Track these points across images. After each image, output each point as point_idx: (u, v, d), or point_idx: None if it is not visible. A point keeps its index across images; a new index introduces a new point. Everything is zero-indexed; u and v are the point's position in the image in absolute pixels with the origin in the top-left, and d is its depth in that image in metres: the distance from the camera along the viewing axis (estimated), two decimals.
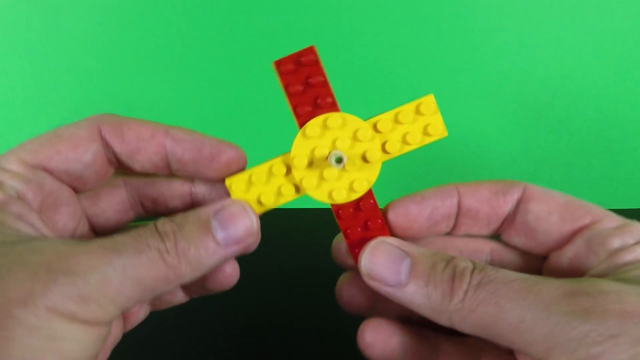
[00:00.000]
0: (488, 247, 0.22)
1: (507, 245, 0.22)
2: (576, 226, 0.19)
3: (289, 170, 0.20)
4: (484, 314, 0.16)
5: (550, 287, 0.16)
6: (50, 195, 0.19)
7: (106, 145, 0.20)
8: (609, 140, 0.46)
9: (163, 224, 0.18)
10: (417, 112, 0.20)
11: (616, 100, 0.45)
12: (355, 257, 0.20)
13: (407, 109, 0.20)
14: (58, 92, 0.44)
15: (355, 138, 0.20)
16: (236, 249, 0.19)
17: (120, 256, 0.16)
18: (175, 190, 0.22)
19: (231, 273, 0.21)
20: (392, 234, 0.21)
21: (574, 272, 0.19)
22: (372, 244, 0.19)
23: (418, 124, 0.20)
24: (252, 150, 0.22)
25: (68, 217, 0.20)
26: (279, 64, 0.19)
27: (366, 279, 0.19)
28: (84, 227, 0.21)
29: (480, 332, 0.17)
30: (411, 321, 0.21)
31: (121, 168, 0.21)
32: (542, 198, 0.20)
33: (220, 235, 0.18)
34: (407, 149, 0.20)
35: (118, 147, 0.20)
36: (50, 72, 0.43)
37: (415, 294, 0.17)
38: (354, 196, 0.20)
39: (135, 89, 0.44)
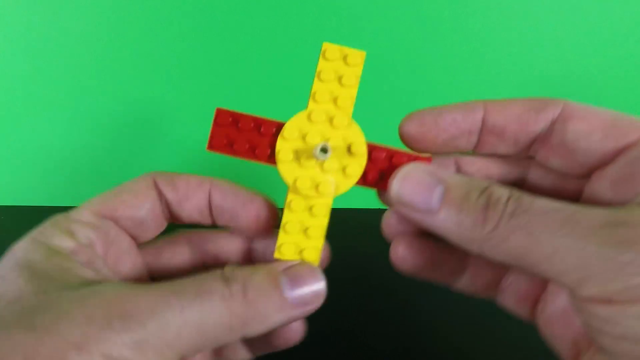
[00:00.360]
0: (521, 168, 0.21)
1: (542, 166, 0.20)
2: (621, 144, 0.17)
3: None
4: (515, 244, 0.16)
5: (588, 217, 0.15)
6: (114, 244, 0.20)
7: (160, 195, 0.21)
8: None
9: (232, 270, 0.18)
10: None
11: (616, 99, 0.45)
12: (386, 186, 0.20)
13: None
14: (58, 92, 0.44)
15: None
16: (303, 311, 0.18)
17: (179, 299, 0.16)
18: (234, 245, 0.22)
19: (298, 329, 0.21)
20: (407, 145, 0.20)
21: (618, 196, 0.17)
22: (405, 169, 0.19)
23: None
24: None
25: (130, 266, 0.21)
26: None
27: (396, 205, 0.18)
28: (145, 279, 0.22)
29: (512, 262, 0.16)
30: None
31: (173, 219, 0.22)
32: (584, 115, 0.18)
33: (289, 293, 0.18)
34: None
35: (170, 195, 0.21)
36: (50, 72, 0.43)
37: (446, 221, 0.17)
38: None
39: (136, 89, 0.44)
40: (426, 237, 0.21)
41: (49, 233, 0.18)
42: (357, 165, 0.20)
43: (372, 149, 0.20)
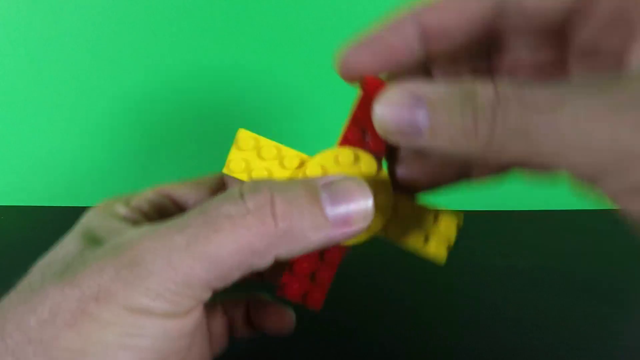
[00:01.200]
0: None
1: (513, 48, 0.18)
2: None
3: None
4: (515, 152, 0.14)
5: (587, 99, 0.13)
6: (166, 215, 0.20)
7: (223, 185, 0.21)
8: None
9: (251, 181, 0.16)
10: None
11: None
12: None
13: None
14: (58, 92, 0.44)
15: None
16: (345, 232, 0.16)
17: (183, 235, 0.14)
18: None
19: (290, 318, 0.22)
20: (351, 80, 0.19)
21: (611, 48, 0.15)
22: (385, 95, 0.16)
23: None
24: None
25: None
26: (370, 82, 0.18)
27: (386, 135, 0.16)
28: None
29: (518, 164, 0.15)
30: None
31: None
32: None
33: (329, 211, 0.16)
34: None
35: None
36: (51, 73, 0.43)
37: (437, 142, 0.15)
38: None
39: (136, 89, 0.44)
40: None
41: (110, 203, 0.19)
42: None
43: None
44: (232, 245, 0.14)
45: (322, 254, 0.19)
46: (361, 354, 0.29)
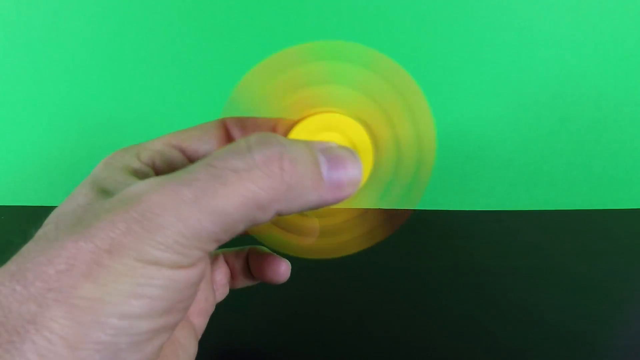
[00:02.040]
0: None
1: None
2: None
3: None
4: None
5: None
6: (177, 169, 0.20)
7: (227, 135, 0.22)
8: (609, 140, 0.46)
9: (257, 135, 0.16)
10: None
11: (616, 99, 0.45)
12: None
13: None
14: (59, 92, 0.44)
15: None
16: (336, 196, 0.17)
17: (191, 189, 0.15)
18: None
19: (286, 269, 0.24)
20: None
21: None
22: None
23: None
24: None
25: None
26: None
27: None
28: None
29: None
30: None
31: None
32: None
33: (326, 174, 0.17)
34: None
35: (237, 135, 0.22)
36: (51, 73, 0.43)
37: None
38: None
39: (136, 90, 0.44)
40: None
41: (119, 156, 0.20)
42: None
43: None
44: (239, 198, 0.15)
45: None
46: (361, 354, 0.29)
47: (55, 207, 0.19)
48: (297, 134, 0.19)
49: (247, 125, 0.22)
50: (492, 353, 0.29)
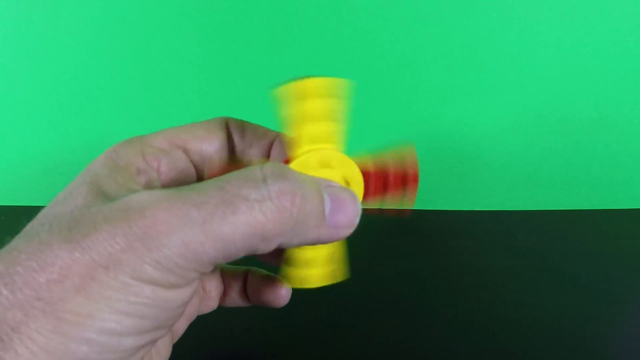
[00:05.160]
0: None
1: None
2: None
3: None
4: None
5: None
6: (182, 174, 0.20)
7: (229, 137, 0.22)
8: (608, 141, 0.46)
9: (273, 166, 0.16)
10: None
11: (616, 100, 0.45)
12: None
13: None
14: (59, 92, 0.44)
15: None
16: (333, 237, 0.17)
17: (200, 211, 0.14)
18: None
19: (287, 293, 0.23)
20: None
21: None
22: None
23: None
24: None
25: None
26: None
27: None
28: None
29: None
30: None
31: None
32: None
33: (328, 214, 0.17)
34: None
35: (237, 139, 0.21)
36: (51, 73, 0.43)
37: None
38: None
39: (136, 90, 0.44)
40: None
41: (122, 151, 0.19)
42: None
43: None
44: (247, 228, 0.15)
45: None
46: (361, 354, 0.29)
47: None
48: (297, 167, 0.19)
49: (247, 131, 0.22)
50: (491, 353, 0.29)
